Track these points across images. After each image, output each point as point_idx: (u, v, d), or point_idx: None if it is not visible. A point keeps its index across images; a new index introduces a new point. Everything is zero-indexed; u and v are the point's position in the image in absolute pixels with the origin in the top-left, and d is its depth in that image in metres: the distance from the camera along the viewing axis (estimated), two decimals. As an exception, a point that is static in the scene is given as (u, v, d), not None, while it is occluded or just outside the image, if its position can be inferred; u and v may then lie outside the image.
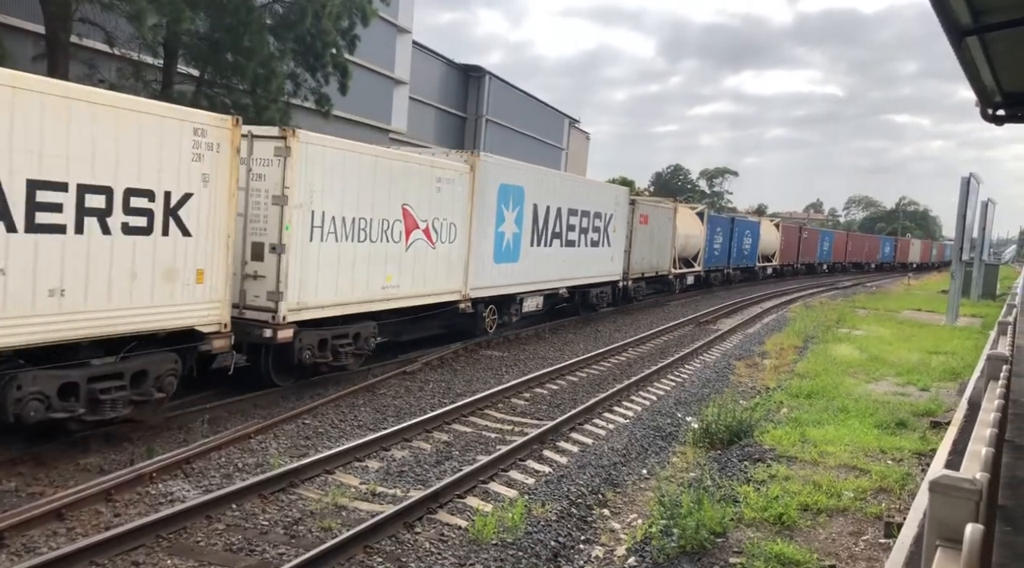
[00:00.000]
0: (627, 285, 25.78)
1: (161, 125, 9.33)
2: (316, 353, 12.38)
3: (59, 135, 8.17)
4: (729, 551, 7.13)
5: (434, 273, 15.16)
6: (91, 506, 7.58)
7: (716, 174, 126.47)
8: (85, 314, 8.64)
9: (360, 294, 13.10)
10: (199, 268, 10.00)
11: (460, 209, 15.83)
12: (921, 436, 10.94)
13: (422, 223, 14.60)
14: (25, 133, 7.86)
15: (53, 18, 17.82)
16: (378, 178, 13.28)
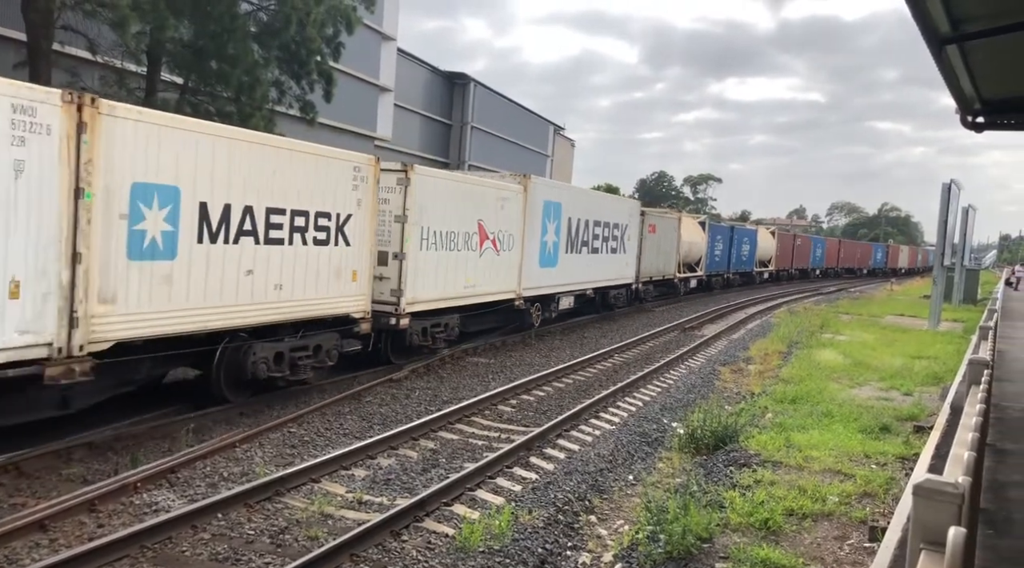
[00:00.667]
0: (638, 288, 28.67)
1: (335, 165, 12.55)
2: (421, 338, 15.50)
3: (283, 175, 11.41)
4: (715, 556, 7.16)
5: (497, 275, 18.14)
6: (74, 517, 7.51)
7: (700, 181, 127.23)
8: (292, 303, 11.87)
9: (449, 292, 16.19)
10: (354, 269, 13.14)
11: (516, 222, 18.77)
12: (904, 440, 11.03)
13: (491, 234, 17.62)
14: (267, 176, 11.17)
15: (35, 25, 17.69)
16: (463, 199, 16.43)
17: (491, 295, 17.93)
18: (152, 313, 9.63)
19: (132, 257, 9.32)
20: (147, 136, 9.37)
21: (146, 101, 19.49)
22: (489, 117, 56.60)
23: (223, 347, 11.18)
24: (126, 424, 10.33)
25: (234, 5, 20.03)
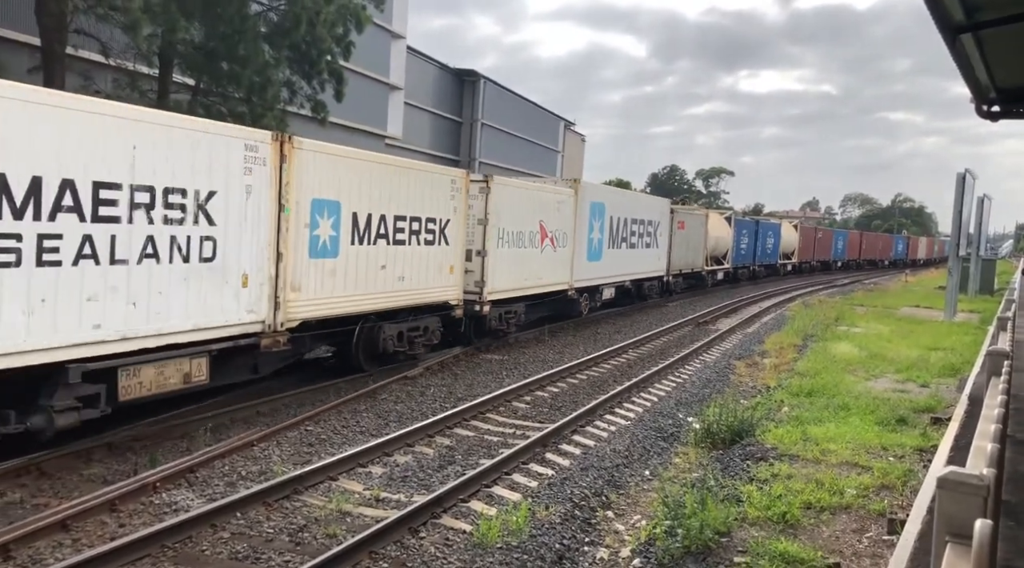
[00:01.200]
0: (669, 280, 30.95)
1: (438, 179, 15.40)
2: (497, 322, 18.18)
3: (403, 188, 14.18)
4: (734, 550, 7.15)
5: (554, 269, 20.51)
6: (96, 517, 7.59)
7: (712, 174, 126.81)
8: (410, 291, 14.59)
9: (518, 283, 18.63)
10: (451, 264, 15.82)
11: (568, 222, 21.03)
12: (922, 432, 10.97)
13: (549, 233, 19.96)
14: (394, 189, 13.86)
15: (48, 30, 17.83)
16: (528, 203, 18.96)
17: (549, 286, 20.43)
18: (323, 299, 12.42)
19: (311, 256, 12.07)
20: (321, 163, 12.12)
21: (158, 103, 19.60)
22: (499, 114, 56.58)
23: (360, 327, 13.76)
24: (144, 424, 10.41)
25: (244, 6, 20.11)
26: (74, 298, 8.52)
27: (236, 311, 10.67)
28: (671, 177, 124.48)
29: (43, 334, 8.21)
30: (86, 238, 8.62)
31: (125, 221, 9.05)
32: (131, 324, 9.18)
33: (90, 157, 8.59)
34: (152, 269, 9.41)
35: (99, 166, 8.70)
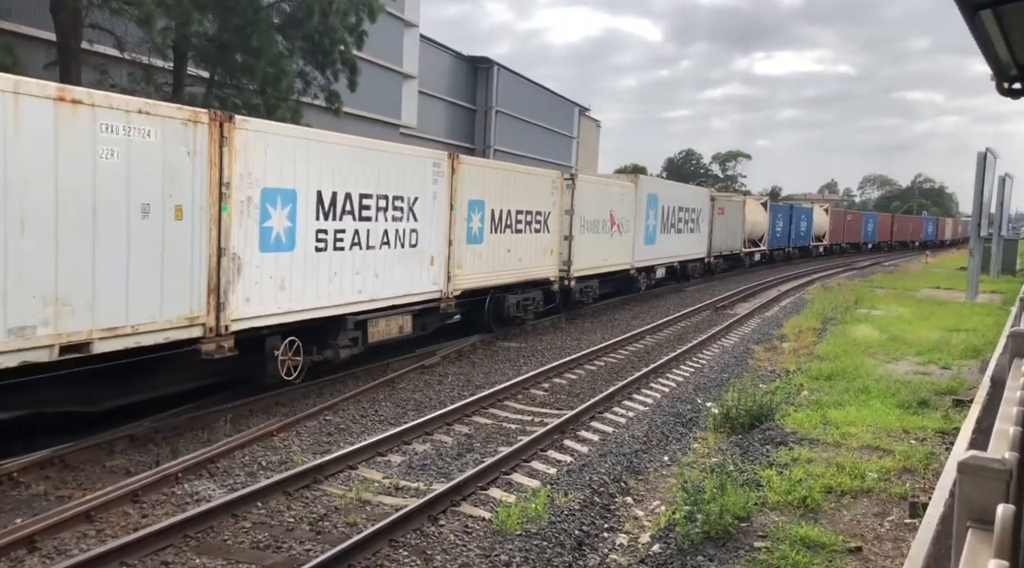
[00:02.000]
0: (710, 261, 34.14)
1: (542, 179, 19.34)
2: (580, 295, 21.68)
3: (522, 188, 18.10)
4: (754, 535, 7.13)
5: (620, 251, 23.88)
6: (119, 507, 7.67)
7: (729, 158, 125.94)
8: (524, 270, 18.34)
9: (594, 263, 22.01)
10: (551, 248, 19.65)
11: (629, 211, 24.29)
12: (944, 415, 10.88)
13: (617, 221, 23.36)
14: (515, 189, 17.74)
15: (64, 25, 17.93)
16: (602, 196, 22.44)
17: (616, 266, 23.89)
18: (474, 275, 16.36)
19: (468, 243, 16.05)
20: (474, 173, 16.24)
21: (173, 96, 19.69)
22: (513, 101, 56.41)
23: (490, 296, 17.52)
24: (165, 416, 10.50)
25: (257, -2, 20.13)
26: (348, 272, 12.55)
27: (426, 283, 14.79)
28: (687, 161, 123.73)
29: (335, 295, 12.24)
30: (355, 232, 12.65)
31: (374, 220, 13.08)
32: (375, 290, 13.24)
33: (358, 176, 12.64)
34: (386, 253, 13.48)
35: (362, 183, 12.72)
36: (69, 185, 8.16)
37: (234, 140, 10.03)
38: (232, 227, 10.14)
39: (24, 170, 7.76)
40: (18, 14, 21.63)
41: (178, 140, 9.30)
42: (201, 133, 9.58)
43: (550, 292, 19.93)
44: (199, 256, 9.73)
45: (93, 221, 8.42)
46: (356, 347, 12.89)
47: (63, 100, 8.09)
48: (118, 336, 8.79)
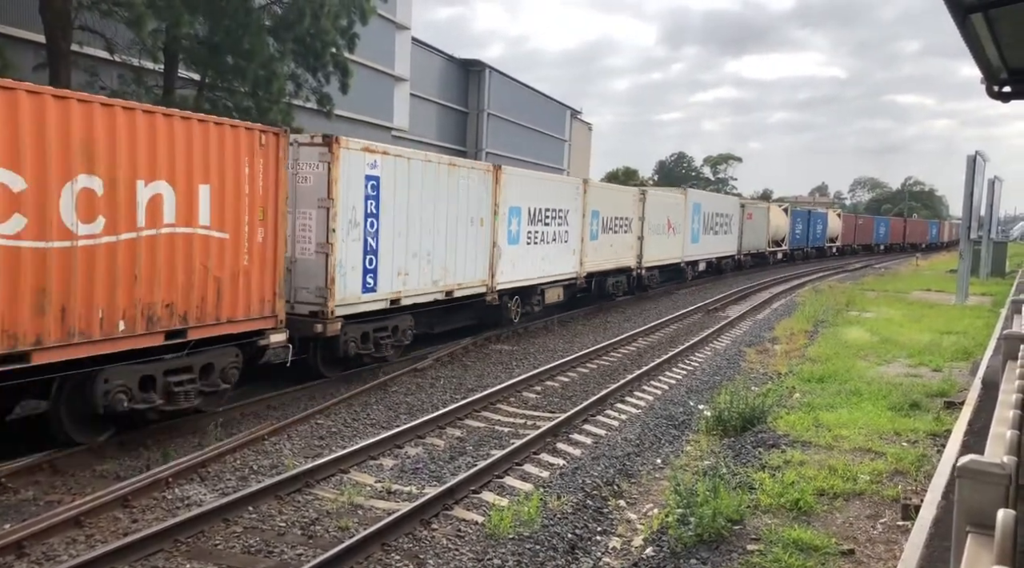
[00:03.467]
0: (740, 258, 40.40)
1: (629, 193, 26.24)
2: (647, 281, 27.93)
3: (619, 200, 24.93)
4: (747, 538, 7.12)
5: (673, 249, 30.16)
6: (109, 512, 7.62)
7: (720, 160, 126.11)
8: (616, 260, 24.50)
9: (656, 257, 28.25)
10: (631, 245, 25.73)
11: (680, 217, 30.45)
12: (935, 417, 10.90)
13: (672, 225, 29.52)
14: (614, 201, 24.49)
15: (53, 27, 17.79)
16: (662, 205, 28.72)
17: (670, 260, 30.02)
18: (593, 262, 22.64)
19: (590, 240, 22.29)
20: (595, 191, 23.13)
21: (164, 99, 19.59)
22: (505, 103, 56.40)
23: (596, 280, 23.67)
24: (156, 420, 10.42)
25: (248, 0, 20.03)
26: (539, 258, 19.48)
27: (571, 267, 21.47)
28: (679, 164, 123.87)
29: (534, 272, 19.33)
30: (542, 233, 19.50)
31: (549, 225, 19.89)
32: (549, 270, 20.20)
33: (544, 196, 19.63)
34: (554, 246, 20.34)
35: (544, 201, 19.60)
36: (451, 207, 15.61)
37: (501, 180, 17.37)
38: (498, 230, 17.40)
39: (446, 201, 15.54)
40: (7, 16, 21.50)
41: (483, 182, 16.80)
42: (489, 177, 17.10)
43: (630, 277, 26.25)
44: (486, 246, 17.10)
45: (459, 226, 15.97)
46: (539, 306, 20.06)
47: (474, 169, 16.78)
48: (461, 288, 16.26)
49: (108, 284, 8.70)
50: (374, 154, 13.05)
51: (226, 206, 10.17)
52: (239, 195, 10.38)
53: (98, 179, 8.53)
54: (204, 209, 9.86)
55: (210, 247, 10.00)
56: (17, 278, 7.83)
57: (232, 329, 10.46)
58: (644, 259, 26.71)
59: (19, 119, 7.75)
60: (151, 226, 9.19)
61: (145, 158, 9.03)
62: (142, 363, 9.38)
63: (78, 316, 8.38)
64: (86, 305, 8.47)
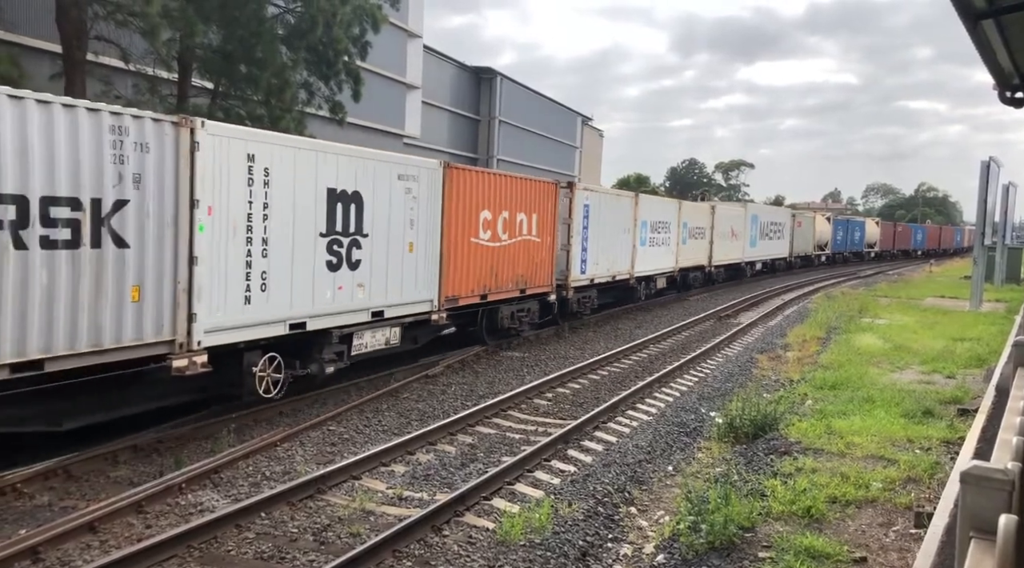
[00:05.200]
0: (791, 260, 46.80)
1: (704, 207, 33.91)
2: (715, 277, 34.42)
3: (697, 214, 31.46)
4: (758, 546, 7.11)
5: (735, 251, 36.34)
6: (123, 518, 7.67)
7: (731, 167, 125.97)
8: (695, 259, 31.13)
9: (722, 258, 34.29)
10: (705, 248, 32.31)
11: (741, 225, 36.80)
12: (949, 424, 10.84)
13: (735, 231, 35.84)
14: (696, 215, 31.44)
15: (69, 37, 18.01)
16: (728, 216, 34.97)
17: (733, 260, 36.29)
18: (682, 260, 29.32)
19: (681, 243, 28.92)
20: (689, 208, 30.91)
21: (178, 107, 19.76)
22: (516, 111, 56.54)
23: (682, 275, 29.37)
24: (168, 426, 10.50)
25: (261, 9, 20.21)
26: (654, 256, 26.27)
27: (669, 263, 27.78)
28: (690, 170, 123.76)
29: (650, 266, 25.84)
30: (656, 238, 26.29)
31: (661, 233, 26.66)
32: (658, 265, 26.91)
33: (659, 211, 26.98)
34: (662, 248, 26.89)
35: (659, 215, 26.67)
36: (618, 221, 23.29)
37: (638, 202, 24.88)
38: (636, 236, 24.31)
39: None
40: (24, 26, 21.74)
41: (630, 204, 24.16)
42: (631, 201, 24.48)
43: (704, 272, 32.56)
44: (630, 247, 24.03)
45: (618, 233, 23.35)
46: (653, 290, 26.97)
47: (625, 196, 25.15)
48: (619, 275, 23.56)
49: (509, 265, 17.36)
50: (588, 192, 21.82)
51: (538, 225, 18.56)
52: (544, 219, 18.82)
53: (507, 213, 17.11)
54: (533, 226, 18.31)
55: (533, 247, 18.38)
56: (485, 261, 16.41)
57: (539, 290, 18.91)
58: (714, 259, 33.37)
59: (482, 186, 16.32)
60: (518, 236, 17.67)
61: (518, 202, 17.59)
62: (510, 304, 17.80)
63: (499, 280, 17.00)
64: (501, 274, 17.04)
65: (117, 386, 9.69)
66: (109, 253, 8.79)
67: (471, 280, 15.80)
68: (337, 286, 12.16)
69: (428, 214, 14.28)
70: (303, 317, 11.50)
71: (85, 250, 8.55)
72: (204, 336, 9.88)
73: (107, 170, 8.72)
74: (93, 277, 8.64)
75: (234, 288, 10.34)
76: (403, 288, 13.64)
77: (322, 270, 11.84)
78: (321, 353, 12.10)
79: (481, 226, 16.11)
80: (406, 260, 13.74)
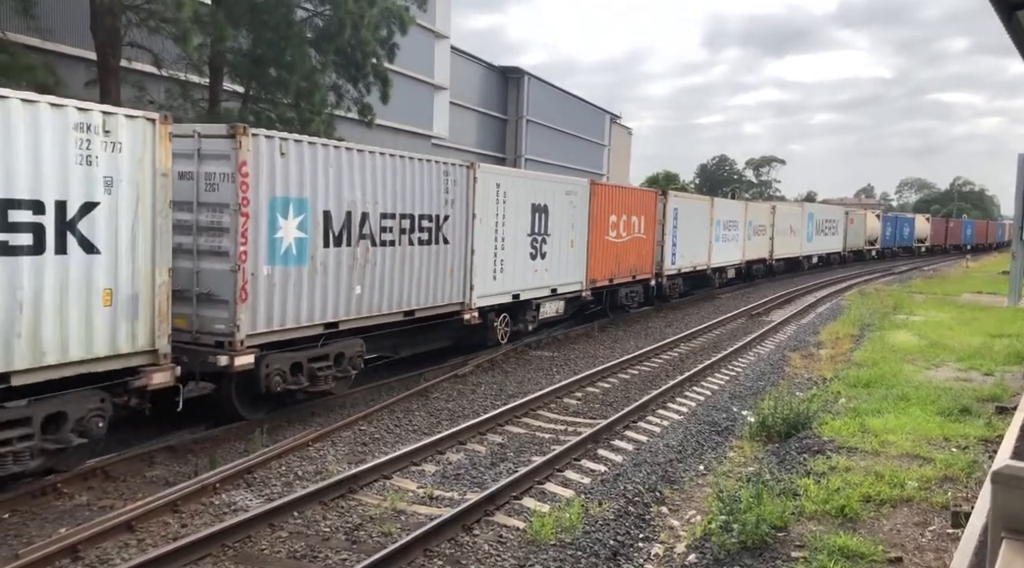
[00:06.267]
0: (844, 254, 50.54)
1: (767, 207, 38.26)
2: (775, 268, 37.90)
3: (761, 214, 36.24)
4: (791, 545, 7.04)
5: (794, 246, 39.97)
6: (159, 517, 7.80)
7: (762, 163, 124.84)
8: (758, 252, 35.48)
9: (782, 253, 38.11)
10: (767, 244, 36.46)
11: (800, 223, 40.73)
12: (987, 422, 10.65)
13: (793, 228, 39.27)
14: (760, 215, 35.96)
15: (103, 44, 18.31)
16: (788, 214, 39.22)
17: (792, 255, 39.87)
18: (748, 254, 33.56)
19: (747, 240, 33.35)
20: (755, 208, 36.36)
21: (209, 112, 20.01)
22: (544, 110, 56.46)
23: (746, 264, 33.33)
24: (203, 428, 10.65)
25: (290, 13, 20.39)
26: (725, 250, 30.69)
27: (737, 257, 32.13)
28: (720, 167, 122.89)
29: (724, 257, 30.89)
30: (727, 235, 30.65)
31: (731, 230, 31.06)
32: (728, 258, 31.43)
33: (728, 213, 31.31)
34: (732, 243, 31.51)
35: (729, 215, 31.17)
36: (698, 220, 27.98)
37: (713, 204, 29.58)
38: (712, 233, 28.61)
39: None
40: (60, 34, 22.13)
41: (707, 206, 28.86)
42: (708, 204, 29.10)
43: (766, 265, 36.58)
44: (707, 243, 28.51)
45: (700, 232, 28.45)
46: (724, 280, 31.54)
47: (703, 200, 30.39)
48: (700, 265, 28.40)
49: (626, 257, 21.98)
50: (677, 198, 26.46)
51: (644, 225, 23.08)
52: (648, 220, 23.35)
53: (625, 216, 21.79)
54: (641, 227, 22.78)
55: (641, 243, 22.96)
56: (612, 254, 21.09)
57: (644, 276, 23.61)
58: (774, 254, 37.28)
59: (611, 196, 21.48)
60: (632, 234, 22.28)
61: (631, 207, 22.32)
62: (626, 286, 22.68)
63: (620, 268, 21.63)
64: (621, 264, 21.72)
65: (431, 330, 14.78)
66: (444, 248, 14.31)
67: (604, 268, 20.89)
68: (534, 270, 17.68)
69: (581, 219, 19.60)
70: (518, 291, 17.14)
71: (440, 246, 14.20)
72: (476, 300, 15.36)
73: (440, 198, 14.05)
74: (436, 261, 14.13)
75: (488, 270, 15.84)
76: (567, 273, 19.08)
77: (527, 259, 17.37)
78: (525, 316, 17.73)
79: (610, 227, 21.15)
80: (569, 253, 19.11)
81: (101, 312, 8.53)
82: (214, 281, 10.16)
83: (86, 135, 8.29)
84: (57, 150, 8.00)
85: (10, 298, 7.70)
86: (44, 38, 20.85)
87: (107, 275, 8.58)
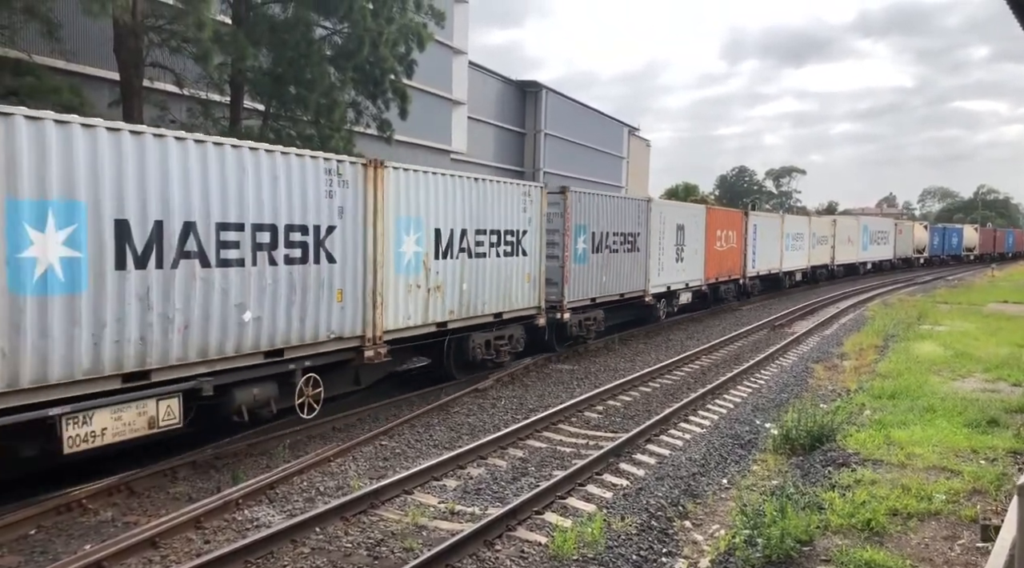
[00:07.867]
0: (894, 261, 56.47)
1: (828, 220, 45.83)
2: (836, 273, 44.99)
3: (820, 226, 42.99)
4: (817, 560, 6.95)
5: (851, 254, 46.69)
6: (182, 533, 7.83)
7: (783, 173, 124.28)
8: (820, 260, 42.30)
9: (841, 260, 45.27)
10: (829, 251, 43.88)
11: (856, 233, 47.60)
12: (1015, 433, 10.49)
13: (851, 238, 46.64)
14: (821, 227, 42.67)
15: (127, 65, 18.54)
16: (847, 227, 47.21)
17: (849, 261, 45.66)
18: (812, 260, 40.70)
19: (810, 248, 40.08)
20: (817, 221, 43.14)
21: (231, 130, 20.21)
22: (562, 123, 56.56)
23: (783, 273, 36.28)
24: (225, 443, 10.71)
25: (309, 31, 20.58)
26: (792, 257, 37.61)
27: (803, 263, 38.95)
28: (740, 178, 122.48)
29: (791, 264, 37.43)
30: (794, 244, 37.52)
31: (797, 241, 38.07)
32: (795, 264, 38.19)
33: (795, 226, 38.34)
34: (798, 252, 38.26)
35: (795, 228, 38.22)
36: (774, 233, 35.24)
37: (784, 219, 37.13)
38: (783, 243, 35.70)
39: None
40: (84, 56, 22.48)
41: (779, 221, 36.09)
42: (779, 220, 36.43)
43: (828, 269, 42.19)
44: (779, 251, 35.33)
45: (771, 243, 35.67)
46: (792, 281, 37.28)
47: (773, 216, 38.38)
48: (774, 269, 35.35)
49: (724, 262, 28.92)
50: (756, 215, 32.86)
51: (735, 237, 29.20)
52: (738, 234, 29.62)
53: (723, 231, 28.41)
54: (732, 239, 28.99)
55: (733, 251, 29.06)
56: (716, 259, 28.12)
57: (735, 278, 29.86)
58: (835, 260, 43.42)
59: (718, 216, 29.07)
60: (727, 245, 28.78)
61: (726, 224, 28.86)
62: (724, 284, 29.13)
63: (721, 270, 28.59)
64: (722, 267, 28.72)
65: (622, 309, 21.89)
66: (631, 255, 21.41)
67: (714, 269, 27.60)
68: (678, 269, 24.64)
69: (701, 233, 26.47)
70: (671, 283, 24.21)
71: (630, 254, 21.57)
72: (651, 288, 22.62)
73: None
74: (634, 264, 21.66)
75: (655, 268, 22.93)
76: (695, 272, 26.10)
77: (674, 261, 24.36)
78: (672, 302, 24.87)
79: (717, 239, 27.82)
80: (695, 258, 26.15)
81: (524, 287, 16.36)
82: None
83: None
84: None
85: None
86: (69, 60, 21.17)
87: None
